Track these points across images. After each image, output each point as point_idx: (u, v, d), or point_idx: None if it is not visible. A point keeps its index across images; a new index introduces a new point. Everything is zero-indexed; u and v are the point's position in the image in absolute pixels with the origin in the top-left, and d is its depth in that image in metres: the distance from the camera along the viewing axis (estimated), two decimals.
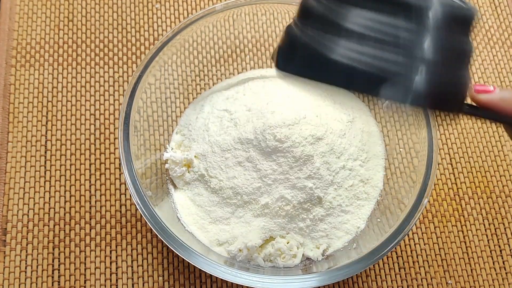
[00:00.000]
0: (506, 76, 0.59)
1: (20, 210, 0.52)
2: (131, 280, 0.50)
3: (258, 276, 0.42)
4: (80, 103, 0.56)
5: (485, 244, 0.52)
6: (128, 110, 0.46)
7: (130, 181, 0.44)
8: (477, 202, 0.54)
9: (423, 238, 0.52)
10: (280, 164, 0.47)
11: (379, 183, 0.52)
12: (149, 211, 0.43)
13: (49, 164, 0.54)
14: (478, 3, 0.62)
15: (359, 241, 0.49)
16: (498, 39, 0.60)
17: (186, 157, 0.50)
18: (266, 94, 0.50)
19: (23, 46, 0.58)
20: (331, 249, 0.50)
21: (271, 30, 0.58)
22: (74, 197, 0.53)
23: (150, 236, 0.52)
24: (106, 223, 0.52)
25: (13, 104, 0.56)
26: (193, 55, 0.56)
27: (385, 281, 0.51)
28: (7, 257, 0.50)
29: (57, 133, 0.55)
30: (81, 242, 0.51)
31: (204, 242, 0.49)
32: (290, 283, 0.41)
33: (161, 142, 0.53)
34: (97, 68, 0.58)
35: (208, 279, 0.50)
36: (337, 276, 0.42)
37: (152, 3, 0.61)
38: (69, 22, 0.60)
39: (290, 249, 0.48)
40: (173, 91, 0.55)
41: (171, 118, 0.54)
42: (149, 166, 0.50)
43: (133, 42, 0.59)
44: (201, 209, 0.50)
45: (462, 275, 0.51)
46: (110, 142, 0.55)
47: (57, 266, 0.50)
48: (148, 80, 0.48)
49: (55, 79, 0.57)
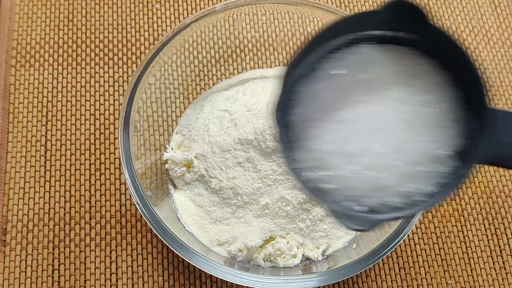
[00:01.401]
0: (506, 76, 0.59)
1: (20, 210, 0.52)
2: (131, 280, 0.50)
3: (258, 276, 0.42)
4: (80, 103, 0.56)
5: (485, 244, 0.52)
6: (128, 110, 0.46)
7: (130, 181, 0.44)
8: (477, 202, 0.54)
9: (423, 238, 0.52)
10: (280, 165, 0.47)
11: None
12: (149, 211, 0.43)
13: (49, 164, 0.54)
14: (478, 3, 0.62)
15: (359, 241, 0.49)
16: (498, 39, 0.60)
17: (186, 157, 0.50)
18: (266, 94, 0.50)
19: (23, 46, 0.58)
20: (331, 249, 0.50)
21: (271, 30, 0.58)
22: (74, 197, 0.53)
23: (150, 236, 0.52)
24: (106, 223, 0.52)
25: (13, 104, 0.56)
26: (193, 55, 0.56)
27: (385, 281, 0.51)
28: (7, 257, 0.50)
29: (57, 133, 0.55)
30: (81, 242, 0.51)
31: (204, 242, 0.49)
32: (290, 283, 0.41)
33: (161, 142, 0.53)
34: (97, 68, 0.58)
35: (208, 279, 0.50)
36: (337, 276, 0.42)
37: (152, 3, 0.61)
38: (69, 22, 0.60)
39: (290, 249, 0.48)
40: (173, 91, 0.55)
41: (171, 118, 0.54)
42: (149, 166, 0.50)
43: (133, 42, 0.59)
44: (201, 209, 0.50)
45: (462, 275, 0.51)
46: (110, 142, 0.55)
47: (57, 266, 0.50)
48: (148, 80, 0.48)
49: (55, 79, 0.57)
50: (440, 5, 0.62)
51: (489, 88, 0.32)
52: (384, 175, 0.32)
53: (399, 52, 0.34)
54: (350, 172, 0.32)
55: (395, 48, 0.34)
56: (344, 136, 0.32)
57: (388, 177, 0.32)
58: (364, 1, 0.62)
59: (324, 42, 0.33)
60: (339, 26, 0.33)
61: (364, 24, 0.33)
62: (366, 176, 0.32)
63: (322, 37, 0.33)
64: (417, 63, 0.33)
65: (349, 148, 0.32)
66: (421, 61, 0.33)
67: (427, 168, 0.32)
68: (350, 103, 0.32)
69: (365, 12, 0.33)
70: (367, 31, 0.33)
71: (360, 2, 0.62)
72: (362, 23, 0.33)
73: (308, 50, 0.33)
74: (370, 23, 0.33)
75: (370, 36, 0.34)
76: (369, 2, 0.62)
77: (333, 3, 0.62)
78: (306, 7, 0.50)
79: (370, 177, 0.32)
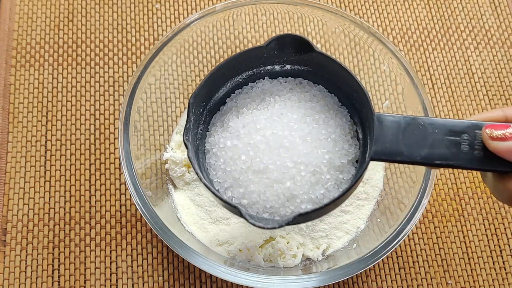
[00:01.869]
0: (506, 76, 0.59)
1: (20, 210, 0.52)
2: (131, 280, 0.50)
3: (258, 276, 0.42)
4: (80, 103, 0.56)
5: (485, 244, 0.52)
6: (128, 110, 0.46)
7: (130, 181, 0.44)
8: (477, 202, 0.54)
9: (423, 238, 0.52)
10: None
11: (379, 183, 0.52)
12: (149, 211, 0.43)
13: (49, 164, 0.54)
14: (478, 3, 0.62)
15: (359, 241, 0.49)
16: (498, 39, 0.60)
17: (186, 157, 0.50)
18: None
19: (23, 46, 0.58)
20: (331, 249, 0.50)
21: (271, 30, 0.58)
22: (74, 197, 0.53)
23: (150, 236, 0.52)
24: (106, 223, 0.52)
25: (13, 104, 0.56)
26: (193, 55, 0.56)
27: (385, 281, 0.51)
28: (7, 257, 0.50)
29: (57, 133, 0.55)
30: (81, 242, 0.51)
31: (204, 242, 0.49)
32: (290, 283, 0.41)
33: (161, 142, 0.53)
34: (97, 68, 0.58)
35: (208, 279, 0.50)
36: (337, 276, 0.42)
37: (152, 3, 0.61)
38: (69, 22, 0.60)
39: (290, 249, 0.48)
40: (173, 91, 0.55)
41: (171, 118, 0.54)
42: (149, 166, 0.50)
43: (133, 42, 0.59)
44: (201, 209, 0.50)
45: (462, 275, 0.51)
46: (110, 142, 0.55)
47: (57, 266, 0.50)
48: (148, 80, 0.48)
49: (55, 79, 0.57)
50: (440, 5, 0.62)
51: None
52: (292, 185, 0.37)
53: (289, 83, 0.41)
54: (263, 186, 0.37)
55: (287, 80, 0.42)
56: (252, 156, 0.37)
57: (296, 186, 0.37)
58: (364, 1, 0.62)
59: (227, 80, 0.41)
60: (232, 62, 0.40)
61: (255, 59, 0.40)
62: (278, 188, 0.37)
63: (222, 74, 0.40)
64: (306, 90, 0.41)
65: (257, 165, 0.37)
66: (308, 88, 0.41)
67: (328, 176, 0.37)
68: (255, 130, 0.38)
69: (251, 49, 0.40)
70: (260, 67, 0.41)
71: (360, 2, 0.62)
72: (253, 59, 0.40)
73: (209, 85, 0.40)
74: (260, 59, 0.40)
75: (265, 72, 0.41)
76: (369, 2, 0.62)
77: (333, 3, 0.62)
78: (306, 7, 0.50)
79: (282, 188, 0.37)
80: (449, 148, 0.34)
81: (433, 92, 0.58)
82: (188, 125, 0.38)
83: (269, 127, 0.38)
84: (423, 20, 0.61)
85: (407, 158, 0.35)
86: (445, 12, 0.61)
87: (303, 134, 0.38)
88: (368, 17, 0.61)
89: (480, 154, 0.34)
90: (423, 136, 0.35)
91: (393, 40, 0.60)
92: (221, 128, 0.40)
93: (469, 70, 0.59)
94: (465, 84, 0.58)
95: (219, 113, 0.42)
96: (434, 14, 0.61)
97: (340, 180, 0.38)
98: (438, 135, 0.35)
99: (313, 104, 0.40)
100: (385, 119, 0.36)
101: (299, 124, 0.38)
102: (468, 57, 0.59)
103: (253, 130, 0.38)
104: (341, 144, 0.38)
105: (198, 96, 0.39)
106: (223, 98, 0.42)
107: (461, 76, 0.59)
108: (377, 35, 0.49)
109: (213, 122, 0.42)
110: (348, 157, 0.38)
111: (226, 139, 0.39)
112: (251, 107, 0.40)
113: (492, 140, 0.33)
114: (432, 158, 0.35)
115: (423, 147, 0.35)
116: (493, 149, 0.33)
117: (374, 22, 0.61)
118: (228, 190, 0.38)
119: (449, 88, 0.58)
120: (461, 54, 0.60)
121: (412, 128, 0.35)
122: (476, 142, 0.34)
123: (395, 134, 0.35)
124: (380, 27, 0.61)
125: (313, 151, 0.37)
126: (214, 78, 0.40)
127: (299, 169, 0.37)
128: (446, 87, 0.58)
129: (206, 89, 0.40)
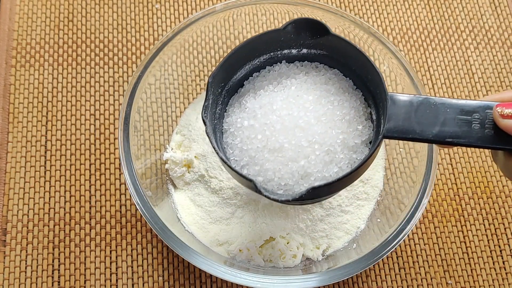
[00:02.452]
0: (506, 76, 0.59)
1: (20, 210, 0.52)
2: (131, 280, 0.50)
3: (258, 276, 0.42)
4: (80, 103, 0.56)
5: (485, 244, 0.52)
6: (128, 110, 0.46)
7: (130, 181, 0.44)
8: (477, 202, 0.54)
9: (423, 238, 0.52)
10: None
11: (379, 183, 0.52)
12: (149, 211, 0.43)
13: (49, 164, 0.54)
14: (478, 3, 0.62)
15: (359, 241, 0.49)
16: (498, 39, 0.60)
17: (186, 158, 0.50)
18: None
19: (23, 46, 0.58)
20: (331, 249, 0.50)
21: None
22: (74, 197, 0.53)
23: (150, 236, 0.52)
24: (106, 223, 0.52)
25: (13, 104, 0.56)
26: (193, 55, 0.56)
27: (385, 281, 0.51)
28: (7, 257, 0.50)
29: (57, 133, 0.55)
30: (81, 242, 0.51)
31: (204, 242, 0.49)
32: (290, 283, 0.41)
33: (161, 142, 0.53)
34: (97, 68, 0.58)
35: (208, 279, 0.50)
36: (337, 276, 0.42)
37: (152, 3, 0.61)
38: (69, 22, 0.60)
39: (290, 249, 0.48)
40: (173, 91, 0.55)
41: (171, 118, 0.54)
42: (149, 166, 0.50)
43: (133, 42, 0.59)
44: (201, 209, 0.50)
45: (462, 275, 0.51)
46: (110, 142, 0.55)
47: (57, 266, 0.50)
48: (148, 80, 0.48)
49: (55, 79, 0.57)
50: (440, 5, 0.62)
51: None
52: (307, 164, 0.37)
53: (306, 67, 0.42)
54: (278, 164, 0.37)
55: (304, 64, 0.42)
56: (268, 135, 0.38)
57: (310, 165, 0.37)
58: (364, 1, 0.62)
59: (245, 63, 0.41)
60: (250, 45, 0.40)
61: (272, 43, 0.41)
62: (292, 166, 0.37)
63: (240, 56, 0.40)
64: (321, 73, 0.42)
65: (273, 144, 0.38)
66: (324, 71, 0.42)
67: (341, 155, 0.38)
68: (272, 110, 0.39)
69: (268, 32, 0.40)
70: (277, 50, 0.41)
71: (360, 2, 0.62)
72: (270, 42, 0.41)
73: (227, 67, 0.40)
74: (277, 42, 0.41)
75: (282, 56, 0.42)
76: (369, 2, 0.62)
77: (333, 3, 0.62)
78: (306, 7, 0.50)
79: (296, 166, 0.37)
80: (460, 126, 0.35)
81: (433, 92, 0.58)
82: (206, 103, 0.39)
83: (285, 108, 0.39)
84: (423, 20, 0.61)
85: (419, 136, 0.36)
86: (445, 12, 0.61)
87: (318, 115, 0.38)
88: (368, 17, 0.61)
89: (491, 133, 0.35)
90: (435, 115, 0.35)
91: (393, 40, 0.60)
92: (239, 109, 0.41)
93: (469, 70, 0.59)
94: (465, 84, 0.58)
95: (237, 95, 0.42)
96: (434, 14, 0.61)
97: (353, 160, 0.38)
98: (450, 114, 0.35)
99: (328, 86, 0.41)
100: (398, 99, 0.36)
101: (314, 106, 0.39)
102: (468, 57, 0.59)
103: (270, 111, 0.39)
104: (355, 125, 0.39)
105: (217, 76, 0.39)
106: (241, 80, 0.42)
107: (461, 76, 0.59)
108: (377, 35, 0.49)
109: (231, 103, 0.42)
110: (361, 137, 0.39)
111: (243, 119, 0.40)
112: (268, 89, 0.41)
113: (502, 118, 0.34)
114: (443, 136, 0.35)
115: (434, 125, 0.35)
116: (504, 127, 0.34)
117: (374, 22, 0.61)
118: (244, 168, 0.39)
119: (449, 88, 0.58)
120: (461, 54, 0.60)
121: (424, 107, 0.36)
122: (487, 121, 0.35)
123: (408, 112, 0.36)
124: (380, 27, 0.61)
125: (328, 131, 0.38)
126: (232, 59, 0.40)
127: (314, 148, 0.37)
128: (446, 87, 0.58)
129: (224, 70, 0.40)
